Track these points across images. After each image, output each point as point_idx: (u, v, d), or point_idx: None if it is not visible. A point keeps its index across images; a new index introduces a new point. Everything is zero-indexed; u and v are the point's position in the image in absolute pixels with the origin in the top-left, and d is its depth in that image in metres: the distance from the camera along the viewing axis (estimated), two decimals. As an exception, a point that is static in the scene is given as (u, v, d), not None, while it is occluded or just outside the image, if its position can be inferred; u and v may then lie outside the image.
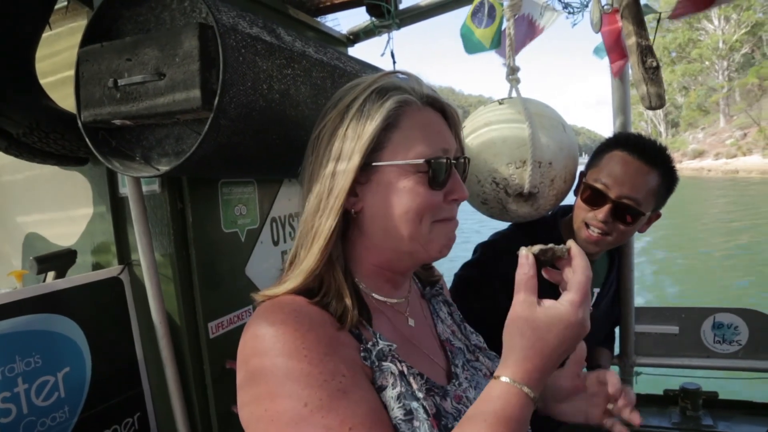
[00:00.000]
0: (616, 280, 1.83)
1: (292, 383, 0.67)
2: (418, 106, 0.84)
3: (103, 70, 1.03)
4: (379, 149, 0.81)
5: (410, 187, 0.81)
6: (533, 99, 1.69)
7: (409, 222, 0.81)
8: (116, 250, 1.38)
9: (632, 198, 1.43)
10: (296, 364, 0.68)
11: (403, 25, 2.08)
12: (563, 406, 1.03)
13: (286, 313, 0.74)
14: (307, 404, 0.66)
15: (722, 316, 1.98)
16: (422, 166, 0.81)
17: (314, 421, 0.65)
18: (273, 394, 0.68)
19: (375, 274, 0.89)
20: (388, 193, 0.81)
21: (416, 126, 0.83)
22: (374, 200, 0.82)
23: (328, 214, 0.80)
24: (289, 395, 0.67)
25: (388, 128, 0.81)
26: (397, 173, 0.81)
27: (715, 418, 2.02)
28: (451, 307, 1.13)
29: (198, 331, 1.34)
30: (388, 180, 0.81)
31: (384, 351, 0.78)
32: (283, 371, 0.68)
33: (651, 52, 1.31)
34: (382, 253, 0.86)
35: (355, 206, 0.83)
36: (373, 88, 0.83)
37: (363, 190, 0.83)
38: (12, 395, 1.10)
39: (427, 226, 0.83)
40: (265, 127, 1.07)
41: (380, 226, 0.83)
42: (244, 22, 1.01)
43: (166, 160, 1.07)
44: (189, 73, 0.93)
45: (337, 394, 0.67)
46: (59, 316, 1.22)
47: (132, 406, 1.37)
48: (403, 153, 0.81)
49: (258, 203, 1.53)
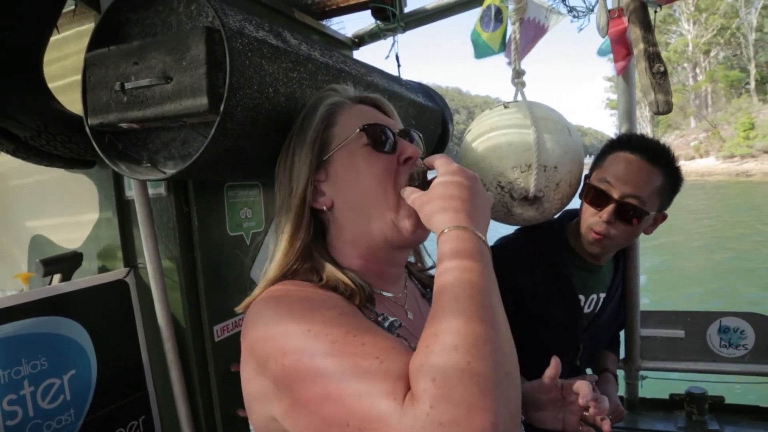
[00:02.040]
0: (622, 283, 1.83)
1: (295, 322, 0.70)
2: (349, 104, 0.95)
3: (110, 74, 1.03)
4: (326, 146, 0.90)
5: (361, 161, 0.88)
6: (539, 102, 1.68)
7: (374, 194, 0.87)
8: (122, 253, 1.39)
9: (636, 197, 1.43)
10: (297, 309, 0.72)
11: (408, 29, 2.09)
12: (542, 414, 1.08)
13: (289, 290, 0.80)
14: (311, 330, 0.67)
15: (728, 320, 1.98)
16: (361, 136, 0.89)
17: (319, 340, 0.66)
18: (280, 341, 0.70)
19: (363, 268, 0.90)
20: (346, 175, 0.89)
21: (351, 116, 0.92)
22: (338, 188, 0.89)
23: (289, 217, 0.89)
24: (294, 332, 0.69)
25: (327, 127, 0.91)
26: (346, 155, 0.89)
27: (722, 423, 2.01)
28: None
29: (203, 334, 1.34)
30: (343, 164, 0.89)
31: (394, 324, 0.81)
32: (286, 318, 0.71)
33: (659, 57, 1.30)
34: (361, 243, 0.90)
35: (325, 203, 0.90)
36: (308, 107, 0.96)
37: (327, 186, 0.90)
38: (18, 398, 1.11)
39: (393, 200, 0.87)
40: (271, 130, 1.07)
41: (352, 210, 0.89)
42: (251, 26, 1.01)
43: (172, 164, 1.07)
44: (196, 76, 0.93)
45: (340, 317, 0.70)
46: (65, 319, 1.22)
47: (137, 409, 1.37)
48: (344, 137, 0.90)
49: (263, 206, 1.53)
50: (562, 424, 1.05)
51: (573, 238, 1.65)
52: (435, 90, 1.92)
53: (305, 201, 0.88)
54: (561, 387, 1.06)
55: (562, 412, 1.06)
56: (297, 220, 0.88)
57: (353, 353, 0.63)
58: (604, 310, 1.72)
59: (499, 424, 0.55)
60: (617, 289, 1.78)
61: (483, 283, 0.67)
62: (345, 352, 0.64)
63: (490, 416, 0.54)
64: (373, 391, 0.59)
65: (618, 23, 1.54)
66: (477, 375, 0.56)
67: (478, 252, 0.72)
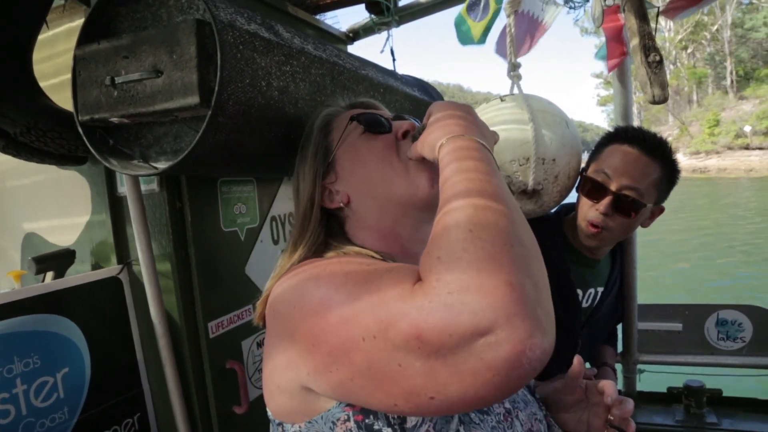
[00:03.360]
0: (619, 277, 1.82)
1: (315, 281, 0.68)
2: (342, 110, 1.00)
3: (100, 69, 1.02)
4: (329, 151, 0.94)
5: (362, 147, 0.91)
6: (535, 95, 1.67)
7: (381, 170, 0.88)
8: (115, 250, 1.37)
9: (633, 188, 1.42)
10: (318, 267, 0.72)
11: (402, 22, 2.07)
12: (565, 417, 1.03)
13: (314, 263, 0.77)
14: (333, 275, 0.67)
15: (726, 312, 1.97)
16: (356, 126, 0.92)
17: (336, 286, 0.65)
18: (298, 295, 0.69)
19: (387, 248, 0.89)
20: (353, 165, 0.91)
21: (344, 118, 0.95)
22: (350, 180, 0.91)
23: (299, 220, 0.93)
24: (314, 286, 0.68)
25: (325, 135, 0.95)
26: (347, 148, 0.92)
27: (720, 416, 2.00)
28: None
29: (198, 331, 1.33)
30: (346, 158, 0.92)
31: None
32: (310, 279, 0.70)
33: (654, 46, 1.29)
34: (383, 222, 0.90)
35: (342, 200, 0.91)
36: (306, 129, 1.00)
37: (339, 185, 0.92)
38: (10, 396, 1.09)
39: (401, 166, 0.88)
40: (264, 124, 1.06)
41: (368, 194, 0.89)
42: (242, 19, 1.00)
43: (164, 159, 1.06)
44: (187, 70, 0.92)
45: (367, 273, 0.65)
46: (58, 317, 1.21)
47: (132, 407, 1.36)
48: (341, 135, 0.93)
49: (258, 202, 1.52)
50: (587, 427, 1.00)
51: (570, 233, 1.64)
52: (433, 86, 1.91)
53: (313, 203, 0.91)
54: (585, 387, 1.01)
55: (586, 414, 1.01)
56: (303, 221, 0.91)
57: (365, 280, 0.62)
58: (602, 305, 1.71)
59: (516, 285, 0.50)
60: (615, 283, 1.77)
61: (485, 167, 0.65)
62: (357, 282, 0.63)
63: (503, 276, 0.50)
64: (387, 295, 0.57)
65: (614, 19, 1.53)
66: (482, 240, 0.53)
67: (480, 154, 0.69)
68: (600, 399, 0.99)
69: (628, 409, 0.96)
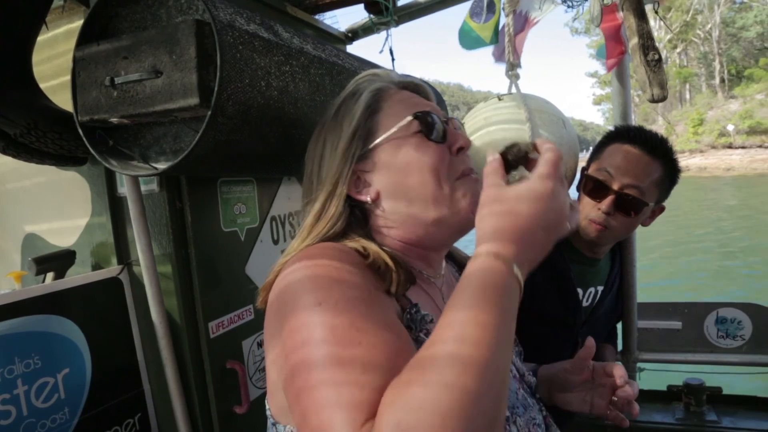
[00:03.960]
0: (619, 276, 1.82)
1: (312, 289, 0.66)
2: (393, 89, 0.90)
3: (99, 69, 1.02)
4: (371, 134, 0.84)
5: (413, 149, 0.83)
6: (533, 95, 1.67)
7: (427, 185, 0.82)
8: (115, 251, 1.38)
9: (636, 187, 1.42)
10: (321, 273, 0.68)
11: (401, 22, 2.08)
12: (569, 396, 1.04)
13: (330, 247, 0.75)
14: (321, 303, 0.63)
15: (726, 310, 1.98)
16: (413, 124, 0.84)
17: (323, 318, 0.62)
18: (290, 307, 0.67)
19: (406, 251, 0.86)
20: (396, 165, 0.83)
21: (396, 102, 0.87)
22: (387, 179, 0.84)
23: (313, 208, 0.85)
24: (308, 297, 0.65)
25: (371, 114, 0.85)
26: (397, 144, 0.84)
27: (719, 414, 2.01)
28: None
29: (198, 331, 1.33)
30: (392, 153, 0.84)
31: (426, 319, 0.75)
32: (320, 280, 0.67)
33: (653, 44, 1.30)
34: (410, 230, 0.85)
35: (370, 195, 0.84)
36: (347, 92, 0.90)
37: (373, 177, 0.85)
38: (11, 397, 1.10)
39: (448, 185, 0.83)
40: (264, 124, 1.06)
41: (401, 202, 0.83)
42: (242, 19, 1.00)
43: (164, 159, 1.06)
44: (186, 70, 0.92)
45: (357, 300, 0.64)
46: (58, 317, 1.21)
47: (133, 407, 1.36)
48: (393, 125, 0.84)
49: (257, 202, 1.52)
50: (590, 407, 1.01)
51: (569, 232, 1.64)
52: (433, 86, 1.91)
53: (337, 185, 0.83)
54: (592, 369, 1.02)
55: (590, 395, 1.02)
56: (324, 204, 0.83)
57: (343, 349, 0.59)
58: (602, 304, 1.71)
59: None
60: (615, 282, 1.77)
61: (498, 319, 0.59)
62: (338, 343, 0.60)
63: None
64: (339, 402, 0.55)
65: (612, 18, 1.53)
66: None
67: (502, 295, 0.62)
68: (606, 380, 1.00)
69: (634, 391, 0.97)
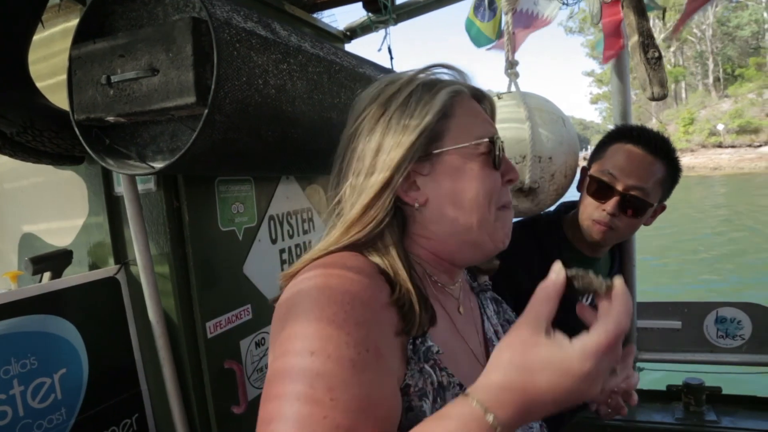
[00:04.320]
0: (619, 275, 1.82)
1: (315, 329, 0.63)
2: (467, 95, 0.86)
3: (95, 67, 1.01)
4: (438, 139, 0.81)
5: (477, 170, 0.81)
6: (533, 93, 1.67)
7: (479, 207, 0.81)
8: (112, 250, 1.37)
9: (640, 188, 1.42)
10: (331, 316, 0.64)
11: (400, 20, 2.07)
12: None
13: (348, 266, 0.71)
14: (314, 353, 0.61)
15: (725, 310, 1.97)
16: (485, 146, 0.82)
17: (309, 373, 0.60)
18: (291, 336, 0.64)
19: (434, 263, 0.86)
20: (456, 179, 0.81)
21: (469, 113, 0.84)
22: (441, 189, 0.81)
23: (360, 202, 0.78)
24: (303, 337, 0.63)
25: (443, 118, 0.81)
26: (463, 158, 0.81)
27: (719, 414, 2.00)
28: (501, 305, 1.10)
29: (196, 331, 1.32)
30: (455, 166, 0.81)
31: (431, 351, 0.73)
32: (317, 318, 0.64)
33: (653, 42, 1.29)
34: (445, 245, 0.84)
35: (418, 199, 0.81)
36: (419, 82, 0.83)
37: (427, 182, 0.82)
38: (7, 397, 1.09)
39: (493, 212, 0.83)
40: (262, 122, 1.05)
41: (448, 215, 0.81)
42: (239, 17, 0.99)
43: (161, 158, 1.06)
44: (183, 68, 0.92)
45: (346, 363, 0.61)
46: (55, 317, 1.20)
47: (130, 407, 1.35)
48: (465, 137, 0.82)
49: (255, 201, 1.51)
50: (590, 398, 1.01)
51: (570, 231, 1.63)
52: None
53: (390, 183, 0.78)
54: None
55: None
56: (372, 200, 0.78)
57: (309, 415, 0.58)
58: (600, 302, 1.71)
59: None
60: None
61: None
62: (310, 403, 0.58)
63: None
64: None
65: (613, 13, 1.52)
66: None
67: None
68: None
69: (634, 381, 0.94)
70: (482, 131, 0.83)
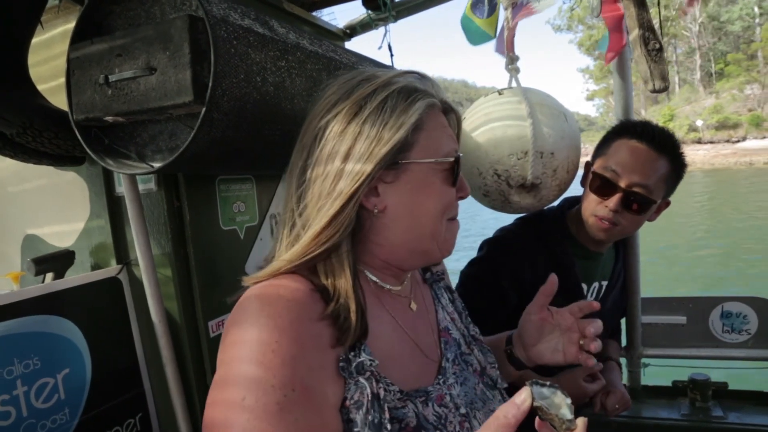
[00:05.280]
0: (623, 271, 1.81)
1: (246, 372, 0.67)
2: (439, 108, 0.87)
3: (93, 67, 1.02)
4: (407, 149, 0.81)
5: (438, 185, 0.84)
6: (534, 88, 1.66)
7: (434, 220, 0.84)
8: (114, 250, 1.37)
9: (643, 185, 1.41)
10: (260, 357, 0.68)
11: (400, 18, 2.06)
12: (539, 348, 1.04)
13: (280, 295, 0.73)
14: (245, 399, 0.66)
15: (731, 305, 1.96)
16: (448, 164, 0.85)
17: (241, 418, 0.65)
18: (227, 379, 0.69)
19: (382, 268, 0.88)
20: (418, 192, 0.83)
21: (437, 127, 0.86)
22: (402, 199, 0.82)
23: (328, 208, 0.77)
24: (235, 384, 0.67)
25: (415, 129, 0.81)
26: (428, 172, 0.83)
27: (726, 409, 1.99)
28: (453, 293, 1.12)
29: (198, 330, 1.33)
30: (419, 179, 0.82)
31: (364, 365, 0.75)
32: (248, 360, 0.68)
33: (654, 33, 1.28)
34: (396, 252, 0.86)
35: (377, 206, 0.81)
36: (396, 87, 0.81)
37: (388, 189, 0.82)
38: (11, 398, 1.09)
39: (444, 224, 0.86)
40: (260, 120, 1.05)
41: (403, 225, 0.83)
42: (236, 14, 0.99)
43: (160, 157, 1.06)
44: (180, 66, 0.91)
45: (274, 407, 0.65)
46: (58, 318, 1.21)
47: (133, 407, 1.36)
48: (431, 152, 0.83)
49: (257, 200, 1.51)
50: (563, 356, 1.01)
51: (574, 226, 1.63)
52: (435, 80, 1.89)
53: (356, 196, 0.77)
54: (553, 313, 1.04)
55: (560, 343, 1.02)
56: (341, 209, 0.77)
57: None
58: (606, 298, 1.70)
59: None
60: (619, 277, 1.76)
61: None
62: None
63: None
64: None
65: (614, 8, 1.50)
66: None
67: None
68: (571, 325, 1.01)
69: (596, 328, 0.98)
70: (448, 148, 0.85)
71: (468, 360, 0.98)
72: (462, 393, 0.89)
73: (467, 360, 0.98)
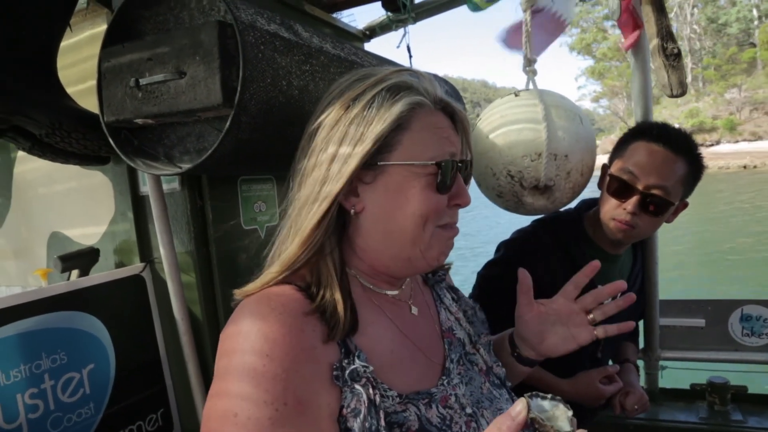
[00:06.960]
0: (641, 273, 1.80)
1: (239, 387, 0.68)
2: (429, 108, 0.82)
3: (124, 70, 1.04)
4: (387, 150, 0.79)
5: (418, 190, 0.79)
6: (550, 90, 1.66)
7: (413, 225, 0.80)
8: (138, 248, 1.40)
9: (661, 187, 1.40)
10: (252, 371, 0.68)
11: (419, 19, 2.07)
12: (548, 343, 1.03)
13: (272, 308, 0.74)
14: (237, 415, 0.67)
15: (750, 308, 1.94)
16: (432, 168, 0.80)
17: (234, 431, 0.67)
18: (221, 392, 0.70)
19: (373, 274, 0.88)
20: (395, 195, 0.80)
21: (426, 128, 0.81)
22: (378, 201, 0.80)
23: (316, 210, 0.78)
24: (227, 399, 0.69)
25: (398, 129, 0.78)
26: (406, 175, 0.79)
27: (745, 413, 1.97)
28: (457, 292, 1.12)
29: (219, 328, 1.34)
30: (396, 181, 0.79)
31: (358, 372, 0.74)
32: (240, 373, 0.69)
33: (672, 38, 1.28)
34: (379, 259, 0.84)
35: (355, 206, 0.81)
36: (385, 85, 0.80)
37: (367, 190, 0.81)
38: (39, 391, 1.12)
39: (429, 231, 0.81)
40: (285, 122, 1.07)
41: (381, 228, 0.81)
42: (262, 19, 1.01)
43: (188, 158, 1.08)
44: (209, 70, 0.93)
45: (266, 422, 0.66)
46: (83, 314, 1.24)
47: (155, 402, 1.38)
48: (413, 155, 0.79)
49: (277, 200, 1.53)
50: (575, 342, 1.00)
51: (591, 229, 1.63)
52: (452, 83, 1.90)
53: (334, 200, 0.78)
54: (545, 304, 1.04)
55: (569, 331, 1.01)
56: (319, 220, 0.78)
57: None
58: (624, 301, 1.70)
59: None
60: (637, 279, 1.76)
61: None
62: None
63: None
64: None
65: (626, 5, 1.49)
66: None
67: None
68: (569, 309, 1.01)
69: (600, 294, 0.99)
70: (434, 152, 0.80)
71: (473, 359, 0.98)
72: (468, 393, 0.89)
73: (472, 359, 0.98)
